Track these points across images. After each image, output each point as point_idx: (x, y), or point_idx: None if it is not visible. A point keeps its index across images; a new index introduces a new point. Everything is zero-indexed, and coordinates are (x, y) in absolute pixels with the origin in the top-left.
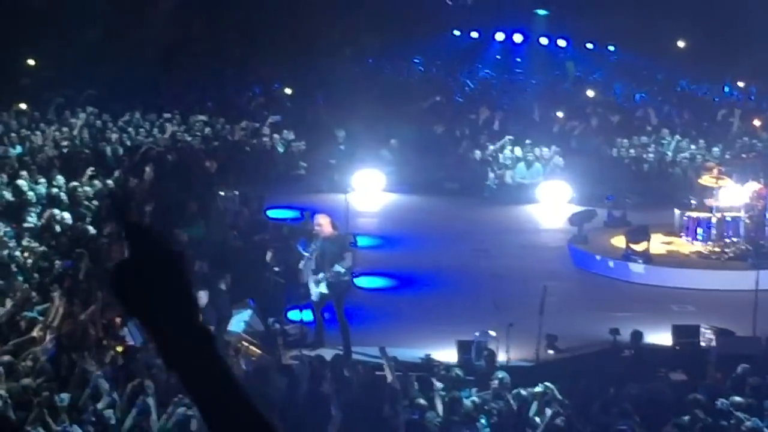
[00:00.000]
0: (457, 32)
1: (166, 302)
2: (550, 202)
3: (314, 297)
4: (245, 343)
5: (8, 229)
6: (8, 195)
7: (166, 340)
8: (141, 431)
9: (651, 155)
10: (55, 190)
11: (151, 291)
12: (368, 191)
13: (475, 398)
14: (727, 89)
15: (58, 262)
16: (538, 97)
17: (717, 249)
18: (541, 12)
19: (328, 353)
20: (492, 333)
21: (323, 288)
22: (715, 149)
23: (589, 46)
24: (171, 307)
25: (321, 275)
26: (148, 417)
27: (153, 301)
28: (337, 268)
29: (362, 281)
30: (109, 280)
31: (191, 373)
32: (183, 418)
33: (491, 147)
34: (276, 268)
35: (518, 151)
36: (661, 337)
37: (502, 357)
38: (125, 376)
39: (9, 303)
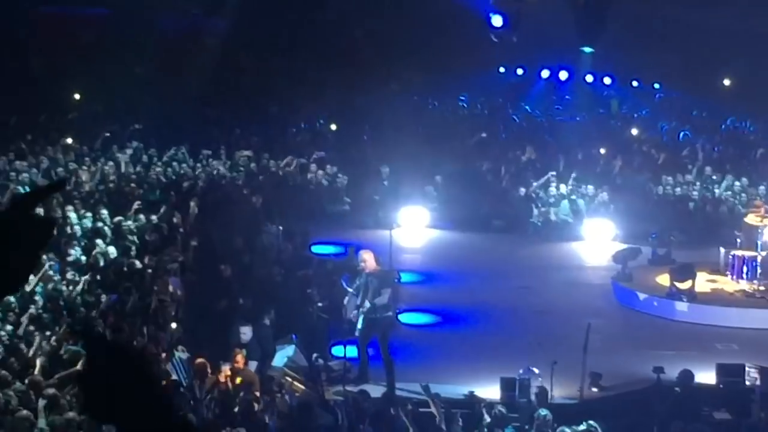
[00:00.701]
0: (502, 69)
1: (137, 405)
2: (595, 240)
3: (357, 332)
4: (289, 379)
5: (53, 262)
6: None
7: None
8: None
9: (696, 193)
10: (100, 224)
11: (119, 397)
12: (412, 227)
13: None
14: None
15: (104, 297)
16: (583, 134)
17: (762, 288)
18: (587, 49)
19: (371, 389)
20: (536, 370)
21: (363, 323)
22: (761, 187)
23: (635, 83)
24: (143, 408)
25: (361, 310)
26: None
27: (123, 405)
28: (367, 303)
29: (406, 317)
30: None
31: None
32: None
33: (535, 184)
34: (320, 304)
35: (563, 188)
36: (705, 375)
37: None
38: None
39: (53, 337)
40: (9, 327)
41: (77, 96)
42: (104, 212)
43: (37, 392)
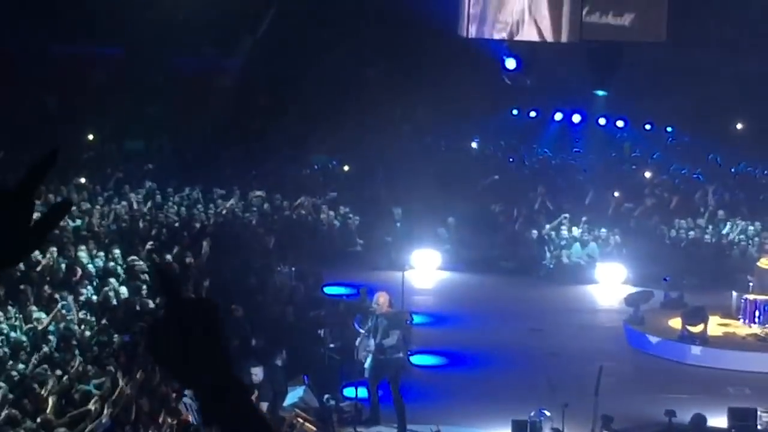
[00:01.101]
0: (515, 111)
1: (201, 356)
2: (607, 283)
3: (366, 373)
4: (300, 420)
5: (66, 302)
6: (65, 268)
7: (201, 390)
8: None
9: (708, 236)
10: (113, 263)
11: (186, 346)
12: (425, 269)
13: None
14: None
15: (116, 336)
16: (595, 177)
17: None
18: (600, 93)
19: (383, 431)
20: (547, 413)
21: (372, 364)
22: None
23: (647, 127)
24: (205, 360)
25: (371, 351)
26: None
27: (188, 355)
28: (383, 343)
29: (418, 359)
30: (145, 338)
31: (227, 422)
32: None
33: (548, 226)
34: (332, 345)
35: (575, 230)
36: (717, 420)
37: None
38: None
39: (66, 376)
40: (21, 366)
41: (90, 136)
42: (117, 252)
43: None
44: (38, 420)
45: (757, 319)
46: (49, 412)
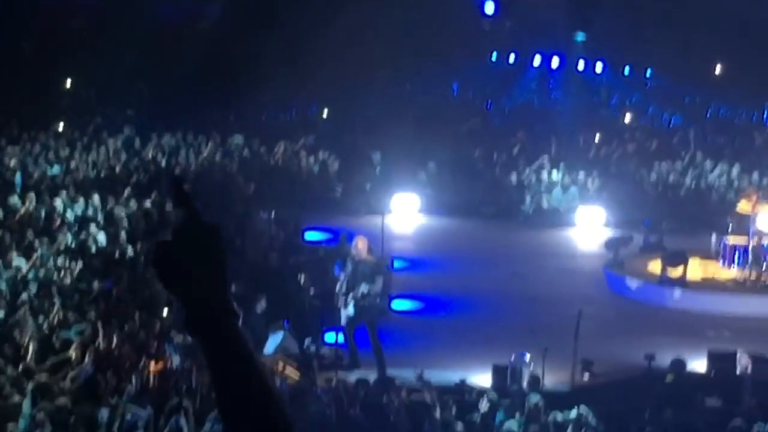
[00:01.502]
0: (494, 56)
1: (200, 275)
2: (586, 227)
3: (343, 320)
4: (281, 364)
5: (45, 248)
6: (44, 215)
7: (194, 309)
8: None
9: (688, 180)
10: (92, 210)
11: (187, 264)
12: (404, 213)
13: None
14: (766, 114)
15: (96, 283)
16: (574, 121)
17: (753, 274)
18: (580, 36)
19: (364, 376)
20: (527, 357)
21: (351, 310)
22: (754, 175)
23: (626, 69)
24: (203, 279)
25: (350, 297)
26: None
27: (188, 273)
28: (363, 289)
29: (397, 304)
30: (153, 253)
31: (211, 344)
32: None
33: (528, 170)
34: (312, 291)
35: (555, 175)
36: (697, 363)
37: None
38: (160, 394)
39: (46, 323)
40: (1, 313)
41: (69, 81)
42: (96, 198)
43: (30, 378)
44: (19, 367)
45: (736, 262)
46: (29, 359)
